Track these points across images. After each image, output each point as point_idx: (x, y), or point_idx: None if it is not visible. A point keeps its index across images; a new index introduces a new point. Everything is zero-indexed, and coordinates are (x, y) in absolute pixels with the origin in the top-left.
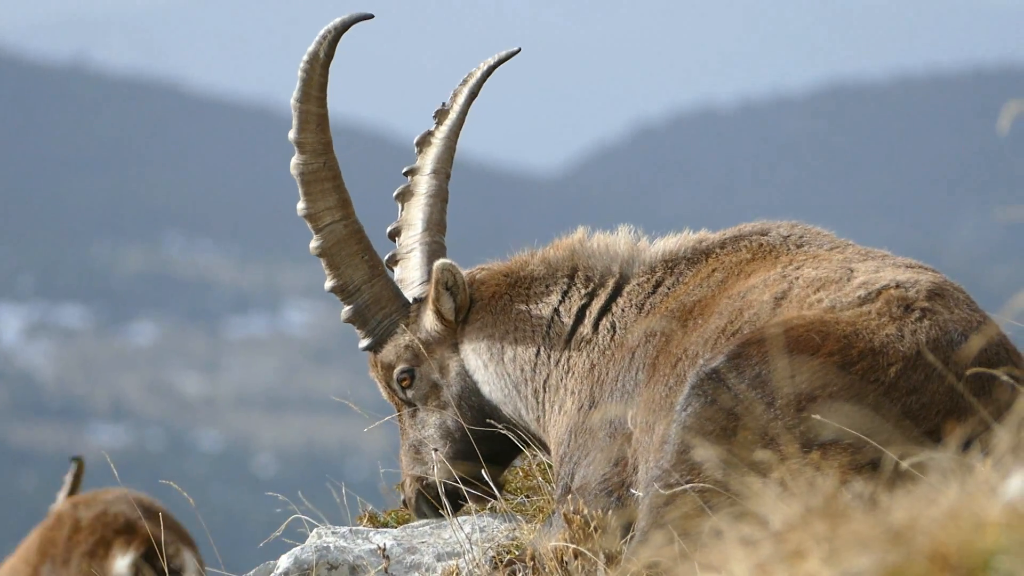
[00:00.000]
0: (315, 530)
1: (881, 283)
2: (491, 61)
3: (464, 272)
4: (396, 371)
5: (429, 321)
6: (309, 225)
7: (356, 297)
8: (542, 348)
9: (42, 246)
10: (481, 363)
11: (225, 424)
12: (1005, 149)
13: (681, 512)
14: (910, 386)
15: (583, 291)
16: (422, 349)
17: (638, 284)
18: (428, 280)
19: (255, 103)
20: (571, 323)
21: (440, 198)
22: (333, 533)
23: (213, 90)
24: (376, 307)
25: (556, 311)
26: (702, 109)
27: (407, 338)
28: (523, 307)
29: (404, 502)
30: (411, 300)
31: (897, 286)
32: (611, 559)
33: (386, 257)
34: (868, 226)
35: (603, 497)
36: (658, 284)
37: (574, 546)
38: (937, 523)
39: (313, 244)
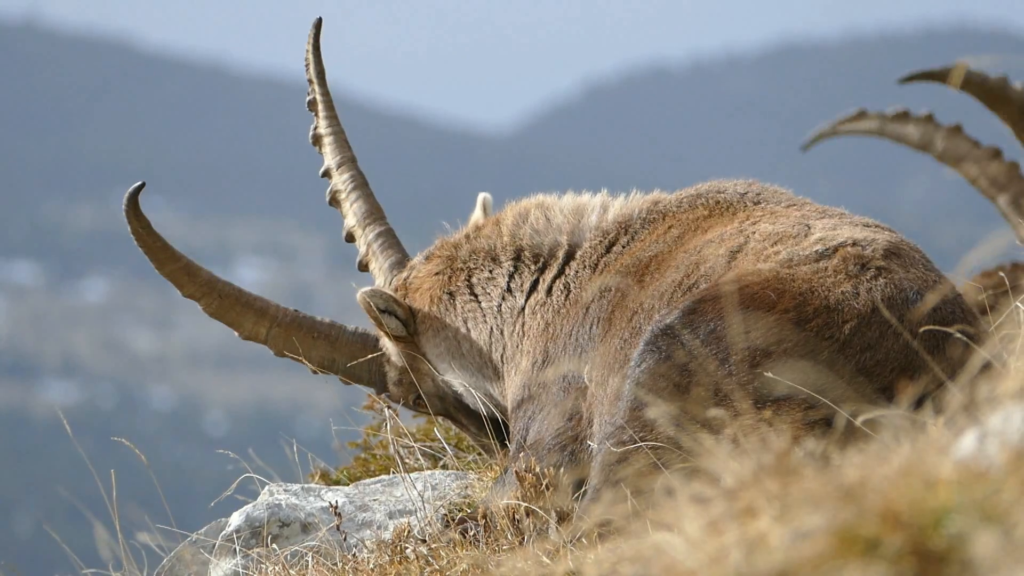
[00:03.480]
0: (267, 488)
1: (838, 240)
2: (309, 37)
3: (393, 283)
4: (411, 402)
5: (388, 347)
6: (256, 343)
7: (336, 367)
8: (495, 326)
9: None
10: (445, 364)
11: (176, 381)
12: (956, 108)
13: (633, 469)
14: (864, 343)
15: (533, 267)
16: (413, 376)
17: (591, 246)
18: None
19: (206, 61)
20: (524, 295)
21: (359, 187)
22: (285, 491)
23: (164, 48)
24: (357, 367)
25: (506, 290)
26: (654, 68)
27: (394, 375)
28: (467, 297)
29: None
30: (375, 336)
31: (854, 244)
32: (563, 517)
33: (356, 262)
34: (820, 185)
35: (556, 452)
36: (612, 243)
37: (526, 504)
38: (889, 481)
39: (273, 353)
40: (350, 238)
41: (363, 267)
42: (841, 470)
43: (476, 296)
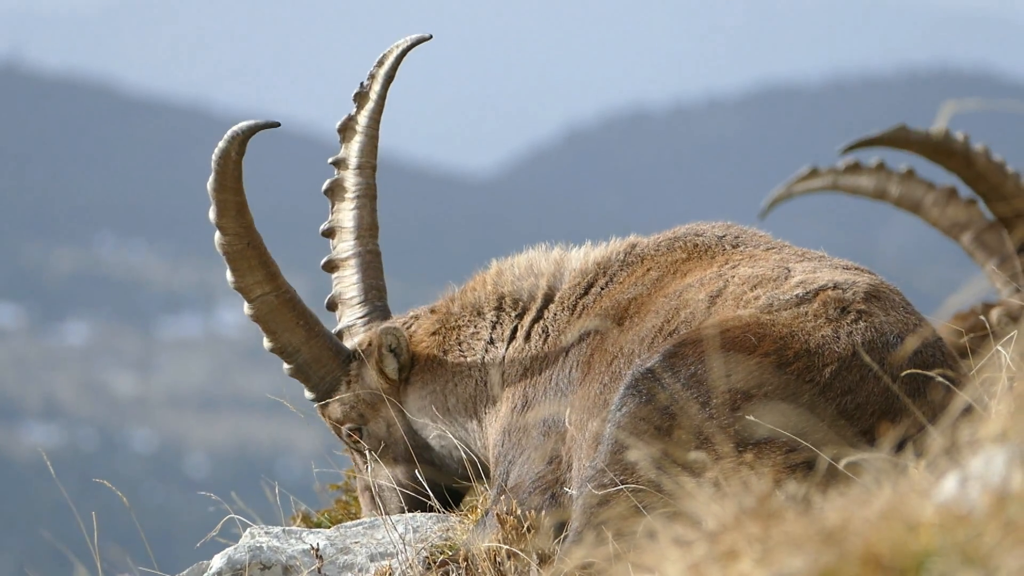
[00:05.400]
0: (248, 530)
1: (818, 284)
2: (404, 44)
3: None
4: (345, 429)
5: (373, 381)
6: (241, 296)
7: (296, 357)
8: (479, 379)
9: None
10: (430, 420)
11: (158, 424)
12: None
13: (615, 512)
14: (845, 387)
15: (513, 314)
16: (369, 411)
17: (569, 288)
18: (367, 317)
19: (188, 104)
20: (504, 344)
21: (369, 196)
22: (266, 533)
23: (146, 90)
24: (317, 365)
25: (489, 342)
26: (634, 112)
27: (351, 398)
28: (456, 356)
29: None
30: (351, 354)
31: (834, 287)
32: (544, 559)
33: (323, 261)
34: (801, 228)
35: (537, 495)
36: (590, 285)
37: (507, 546)
38: (870, 524)
39: (246, 312)
40: (330, 233)
41: (332, 306)
42: (822, 513)
43: (463, 353)
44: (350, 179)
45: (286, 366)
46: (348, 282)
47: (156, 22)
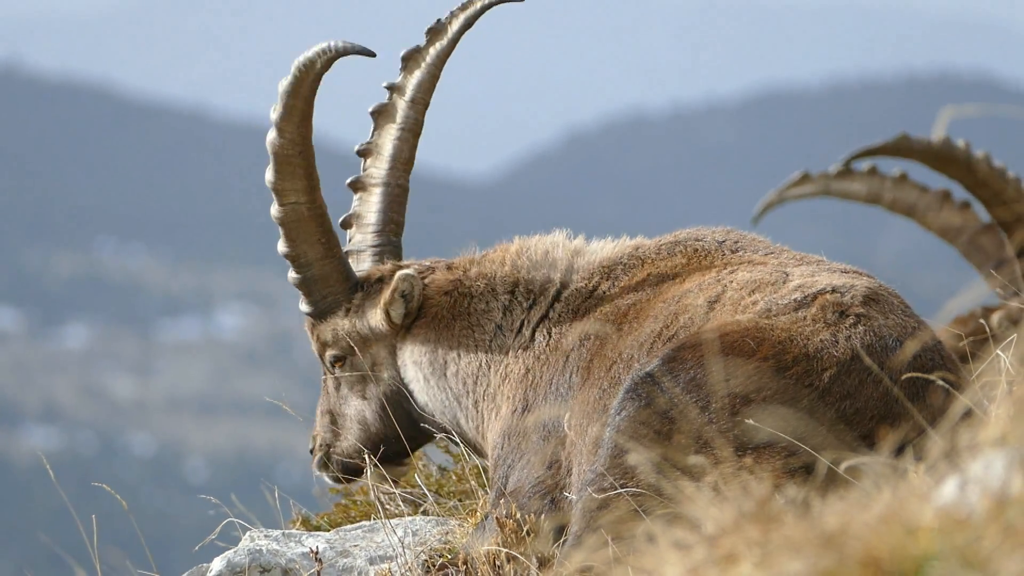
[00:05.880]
0: (247, 533)
1: (817, 288)
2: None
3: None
4: (330, 353)
5: (375, 318)
6: (273, 196)
7: (306, 270)
8: (484, 362)
9: None
10: (422, 376)
11: (157, 428)
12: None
13: (614, 516)
14: (844, 391)
15: (524, 304)
16: (359, 344)
17: (576, 290)
18: (378, 248)
19: (188, 108)
20: (512, 335)
21: (414, 132)
22: (266, 536)
23: (146, 95)
24: (323, 284)
25: (499, 327)
26: (634, 116)
27: (347, 325)
28: (464, 325)
29: (310, 452)
30: (358, 283)
31: (833, 291)
32: (544, 563)
33: (350, 179)
34: (800, 233)
35: (536, 500)
36: (595, 289)
37: (507, 550)
38: (870, 528)
39: (273, 212)
40: (366, 154)
41: (347, 224)
42: (822, 517)
43: (472, 328)
44: (401, 109)
45: (293, 274)
46: (370, 207)
47: (156, 26)
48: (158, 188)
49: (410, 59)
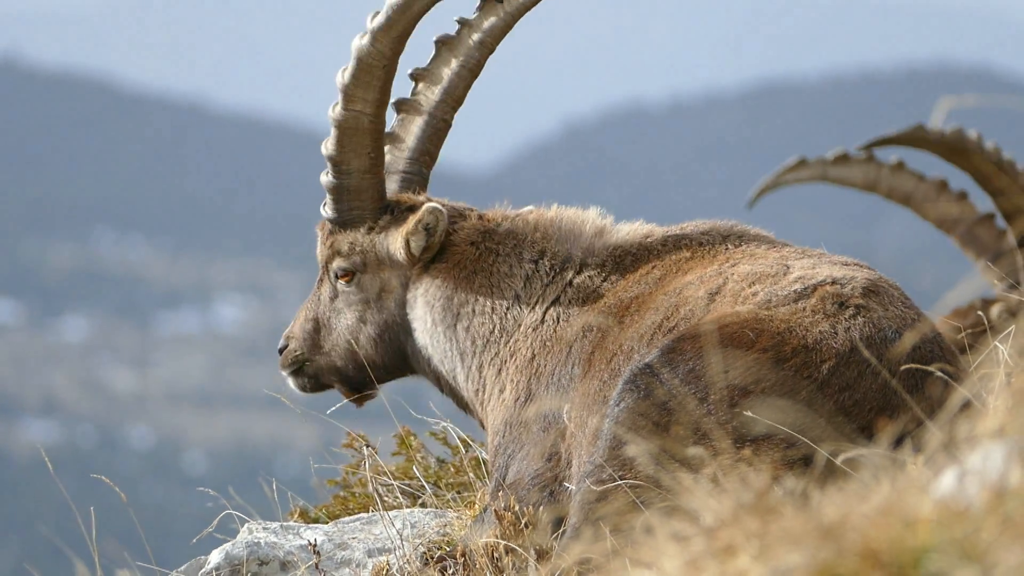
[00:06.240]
0: (246, 526)
1: (817, 279)
2: None
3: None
4: (339, 263)
5: (394, 244)
6: (339, 98)
7: (345, 177)
8: (496, 328)
9: None
10: (430, 319)
11: (155, 420)
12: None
13: (613, 508)
14: (843, 383)
15: (545, 279)
16: (373, 264)
17: (588, 276)
18: (408, 174)
19: (187, 100)
20: (527, 310)
21: (473, 74)
22: (264, 529)
23: (144, 86)
24: (356, 196)
25: (517, 296)
26: (633, 108)
27: (366, 242)
28: (484, 283)
29: (280, 350)
30: (389, 206)
31: (833, 282)
32: (542, 555)
33: (398, 99)
34: (799, 224)
35: (535, 492)
36: (604, 278)
37: (505, 542)
38: (868, 520)
39: (332, 114)
40: (419, 78)
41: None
42: (821, 509)
43: (491, 287)
44: (467, 46)
45: (328, 178)
46: (410, 132)
47: (154, 18)
48: (157, 180)
49: (489, 1)
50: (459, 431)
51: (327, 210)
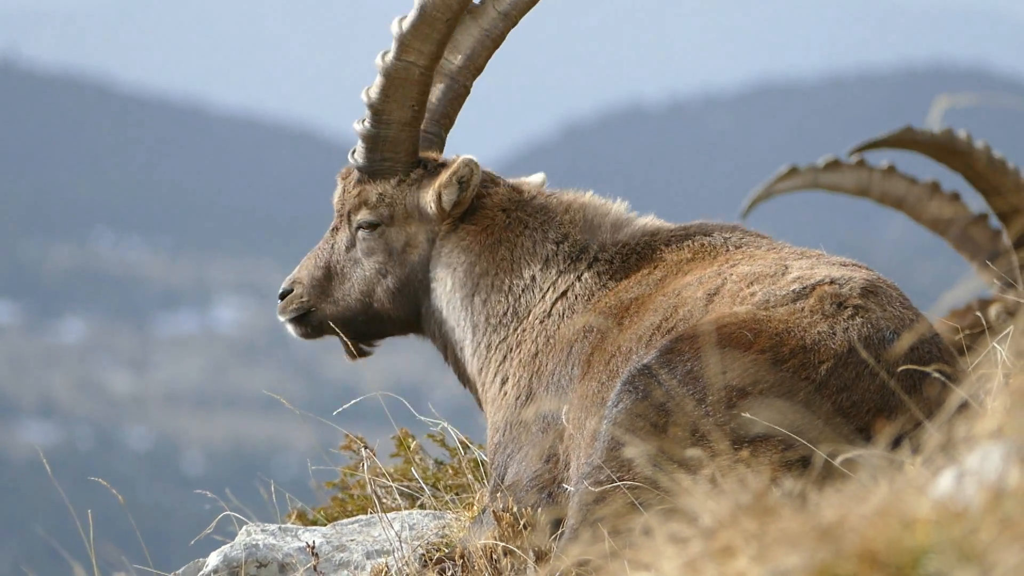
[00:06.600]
0: (244, 528)
1: (815, 279)
2: None
3: (481, 174)
4: (365, 214)
5: (425, 197)
6: (394, 46)
7: (384, 127)
8: (510, 310)
9: None
10: (450, 283)
11: (154, 422)
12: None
13: (611, 509)
14: (841, 383)
15: (561, 266)
16: (401, 218)
17: (597, 272)
18: (428, 134)
19: (184, 101)
20: (539, 296)
21: (495, 43)
22: (262, 531)
23: (142, 87)
24: (392, 147)
25: (533, 278)
26: (631, 108)
27: (396, 195)
28: (506, 256)
29: (282, 295)
30: (421, 162)
31: (831, 283)
32: (541, 557)
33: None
34: (797, 224)
35: (534, 494)
36: (611, 276)
37: (504, 544)
38: (867, 521)
39: (382, 62)
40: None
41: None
42: (819, 510)
43: (512, 262)
44: (492, 15)
45: (365, 126)
46: (433, 92)
47: (153, 19)
48: (156, 181)
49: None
50: (458, 433)
51: (358, 158)
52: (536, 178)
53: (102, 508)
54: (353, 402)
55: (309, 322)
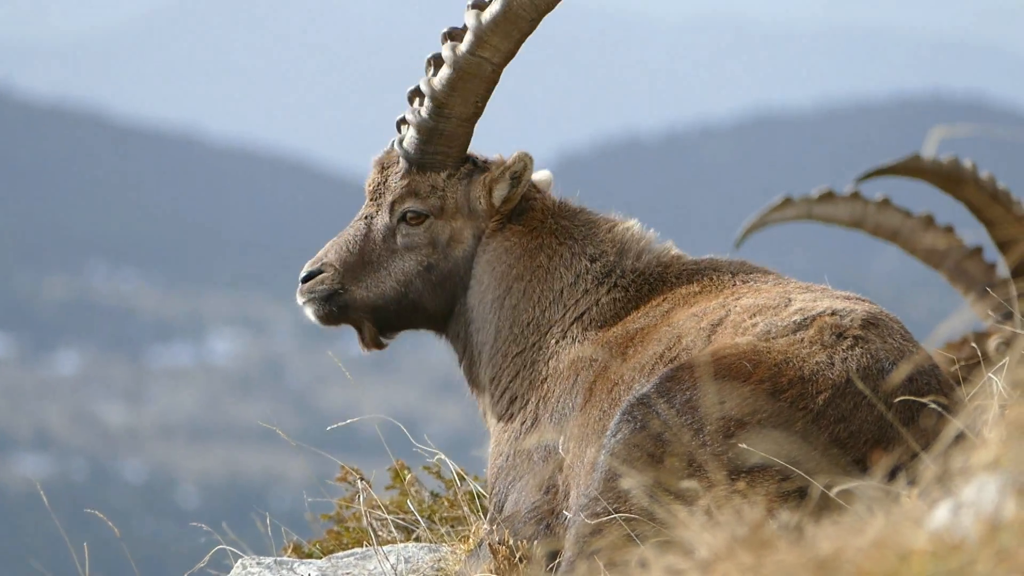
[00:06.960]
0: (239, 561)
1: (816, 310)
2: None
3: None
4: (414, 204)
5: (476, 190)
6: (468, 39)
7: (443, 120)
8: (533, 323)
9: None
10: (486, 281)
11: (148, 454)
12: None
13: (608, 541)
14: (838, 414)
15: (588, 285)
16: (451, 211)
17: (614, 299)
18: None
19: (179, 132)
20: (561, 312)
21: (524, 33)
22: (258, 564)
23: (136, 118)
24: (447, 142)
25: (560, 293)
26: (628, 138)
27: (447, 188)
28: (543, 264)
29: (306, 277)
30: (470, 159)
31: (832, 314)
32: None
33: (432, 54)
34: (795, 255)
35: (531, 525)
36: (624, 305)
37: None
38: (863, 553)
39: (456, 53)
40: (451, 36)
41: (412, 97)
42: (815, 542)
43: (548, 271)
44: (523, 6)
45: (423, 117)
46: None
47: (147, 50)
48: (151, 212)
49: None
50: (454, 464)
51: (409, 148)
52: (543, 175)
53: (98, 541)
54: (350, 421)
55: (336, 303)
